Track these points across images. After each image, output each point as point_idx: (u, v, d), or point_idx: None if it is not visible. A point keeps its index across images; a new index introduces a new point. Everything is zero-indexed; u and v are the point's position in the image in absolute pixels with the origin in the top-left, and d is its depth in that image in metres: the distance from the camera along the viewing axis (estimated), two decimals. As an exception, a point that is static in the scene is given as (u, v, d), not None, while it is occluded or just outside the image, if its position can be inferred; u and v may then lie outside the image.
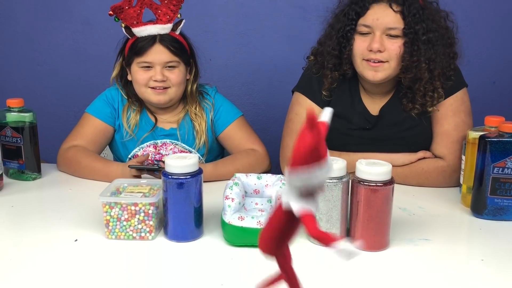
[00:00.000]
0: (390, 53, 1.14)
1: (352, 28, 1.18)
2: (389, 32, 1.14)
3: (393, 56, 1.14)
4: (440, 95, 1.19)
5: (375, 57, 1.15)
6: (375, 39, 1.14)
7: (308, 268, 0.81)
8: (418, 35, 1.12)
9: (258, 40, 2.02)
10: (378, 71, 1.16)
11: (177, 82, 1.28)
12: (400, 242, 0.90)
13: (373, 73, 1.16)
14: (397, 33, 1.14)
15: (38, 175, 1.26)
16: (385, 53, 1.14)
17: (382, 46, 1.13)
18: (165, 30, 1.25)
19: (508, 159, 0.97)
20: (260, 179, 0.98)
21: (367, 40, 1.16)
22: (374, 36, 1.14)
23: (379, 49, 1.13)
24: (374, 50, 1.14)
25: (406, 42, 1.13)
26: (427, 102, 1.19)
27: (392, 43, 1.14)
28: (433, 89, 1.17)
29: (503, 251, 0.88)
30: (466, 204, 1.07)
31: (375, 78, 1.17)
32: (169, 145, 1.35)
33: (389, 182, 0.84)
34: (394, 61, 1.15)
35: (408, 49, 1.13)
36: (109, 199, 0.89)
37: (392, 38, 1.14)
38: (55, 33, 2.06)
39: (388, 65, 1.15)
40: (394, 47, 1.14)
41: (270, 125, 2.05)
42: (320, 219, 0.87)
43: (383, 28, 1.14)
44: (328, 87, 1.25)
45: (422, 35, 1.12)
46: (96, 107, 1.34)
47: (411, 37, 1.13)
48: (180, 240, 0.90)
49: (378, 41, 1.13)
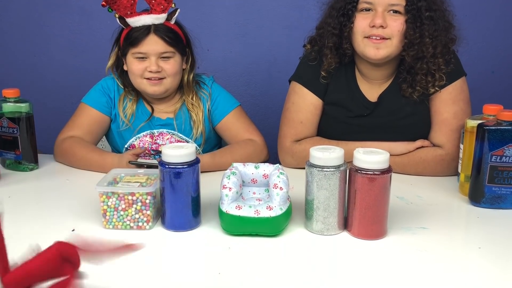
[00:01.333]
0: (392, 30, 1.13)
1: (354, 6, 1.17)
2: (392, 8, 1.13)
3: (395, 33, 1.14)
4: (442, 77, 1.19)
5: (377, 33, 1.14)
6: (378, 14, 1.13)
7: (306, 257, 0.81)
8: (421, 12, 1.12)
9: (256, 30, 2.00)
10: (380, 48, 1.15)
11: (172, 72, 1.27)
12: (397, 230, 0.90)
13: (375, 50, 1.15)
14: (399, 9, 1.13)
15: (35, 165, 1.26)
16: (387, 29, 1.13)
17: (384, 22, 1.13)
18: (159, 20, 1.24)
19: (506, 147, 0.97)
20: (258, 168, 0.97)
21: (368, 17, 1.15)
22: (376, 12, 1.14)
23: (381, 25, 1.12)
24: (377, 25, 1.12)
25: (408, 18, 1.13)
26: (429, 83, 1.18)
27: (394, 19, 1.13)
28: (436, 67, 1.17)
29: (500, 239, 0.88)
30: (464, 192, 1.07)
31: (377, 55, 1.15)
32: (166, 135, 1.34)
33: (387, 171, 0.84)
34: (397, 38, 1.14)
35: (411, 24, 1.13)
36: (106, 189, 0.89)
37: (394, 15, 1.14)
38: (52, 23, 2.04)
39: (390, 42, 1.15)
40: (396, 24, 1.13)
41: (268, 116, 2.05)
42: (318, 208, 0.87)
43: (385, 4, 1.13)
44: (327, 67, 1.24)
45: (425, 11, 1.12)
46: (92, 97, 1.34)
47: (414, 13, 1.12)
48: (177, 230, 0.90)
49: (380, 16, 1.12)
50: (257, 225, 0.86)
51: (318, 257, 0.81)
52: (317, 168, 0.85)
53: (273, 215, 0.85)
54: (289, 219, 0.90)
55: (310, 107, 1.28)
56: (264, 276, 0.75)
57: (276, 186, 0.88)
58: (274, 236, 0.87)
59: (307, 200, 0.89)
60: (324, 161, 0.85)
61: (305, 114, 1.28)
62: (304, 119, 1.28)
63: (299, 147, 1.26)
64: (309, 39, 1.33)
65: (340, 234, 0.89)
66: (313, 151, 0.86)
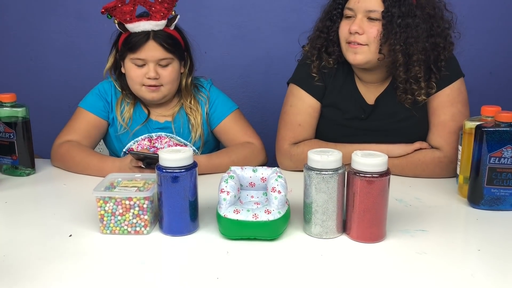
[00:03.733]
0: (368, 36, 1.15)
1: (339, 12, 1.21)
2: (369, 14, 1.15)
3: (371, 40, 1.15)
4: (431, 84, 1.19)
5: (354, 39, 1.17)
6: (355, 21, 1.16)
7: (305, 261, 0.81)
8: (394, 18, 1.13)
9: (254, 32, 2.00)
10: (357, 53, 1.17)
11: (170, 79, 1.27)
12: (396, 233, 0.90)
13: (353, 55, 1.18)
14: (376, 16, 1.14)
15: (32, 170, 1.25)
16: (363, 36, 1.16)
17: (360, 28, 1.15)
18: (159, 26, 1.24)
19: (505, 149, 0.97)
20: (256, 172, 0.97)
21: (349, 23, 1.18)
22: (355, 19, 1.16)
23: (357, 31, 1.15)
24: (352, 32, 1.16)
25: (383, 24, 1.14)
26: (415, 91, 1.19)
27: (371, 26, 1.15)
28: (414, 75, 1.17)
29: (499, 241, 0.88)
30: (463, 194, 1.07)
31: (355, 60, 1.18)
32: (164, 138, 1.34)
33: (385, 173, 0.84)
34: (373, 45, 1.16)
35: (385, 31, 1.14)
36: (103, 194, 0.88)
37: (372, 21, 1.15)
38: (48, 27, 2.04)
39: (367, 48, 1.16)
40: (372, 30, 1.15)
41: (266, 118, 2.04)
42: (316, 211, 0.87)
43: (364, 11, 1.15)
44: (316, 68, 1.27)
45: (397, 17, 1.13)
46: (89, 101, 1.33)
47: (388, 19, 1.13)
48: (175, 234, 0.89)
49: (357, 23, 1.15)
50: (255, 229, 0.85)
51: (317, 261, 0.81)
52: (315, 171, 0.85)
53: (271, 219, 0.85)
54: (288, 222, 0.90)
55: (309, 110, 1.28)
56: (263, 280, 0.74)
57: (274, 189, 0.88)
58: (273, 240, 0.87)
59: (306, 203, 0.89)
60: (322, 164, 0.85)
61: (303, 117, 1.28)
62: (303, 121, 1.28)
63: (297, 149, 1.26)
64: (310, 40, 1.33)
65: (338, 238, 0.88)
66: (311, 154, 0.86)
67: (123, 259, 0.82)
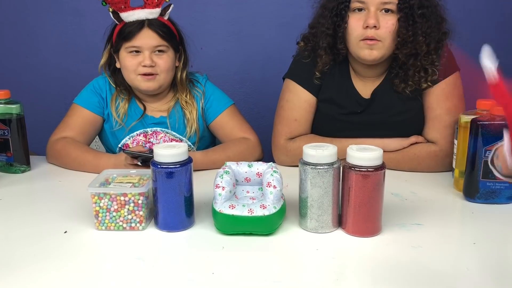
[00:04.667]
0: (384, 31, 1.13)
1: (346, 5, 1.16)
2: (384, 6, 1.12)
3: (387, 35, 1.13)
4: (434, 71, 1.18)
5: (370, 34, 1.13)
6: (370, 14, 1.12)
7: (300, 256, 0.81)
8: (414, 9, 1.11)
9: (250, 28, 2.00)
10: (373, 49, 1.14)
11: (165, 68, 1.27)
12: (392, 227, 0.90)
13: (369, 51, 1.15)
14: (391, 7, 1.12)
15: (27, 167, 1.25)
16: (379, 31, 1.13)
17: (377, 22, 1.12)
18: (153, 14, 1.24)
19: (500, 142, 0.97)
20: (251, 167, 0.97)
21: (361, 17, 1.14)
22: (369, 12, 1.13)
23: (374, 25, 1.12)
24: (370, 25, 1.12)
25: (401, 17, 1.12)
26: (422, 78, 1.18)
27: (386, 20, 1.13)
28: (430, 63, 1.17)
29: (495, 234, 0.88)
30: (459, 188, 1.07)
31: (371, 56, 1.15)
32: (159, 133, 1.34)
33: (380, 167, 0.84)
34: (389, 39, 1.14)
35: (404, 23, 1.12)
36: (98, 190, 0.88)
37: (387, 14, 1.13)
38: (44, 24, 2.03)
39: (382, 44, 1.14)
40: (388, 25, 1.12)
41: (263, 114, 2.04)
42: (312, 206, 0.86)
43: (378, 3, 1.12)
44: (321, 68, 1.24)
45: (417, 9, 1.11)
46: (84, 97, 1.33)
47: (406, 11, 1.12)
48: (171, 230, 0.89)
49: (373, 16, 1.12)
50: (251, 224, 0.85)
51: (313, 255, 0.81)
52: (311, 166, 0.85)
53: (267, 214, 0.85)
54: (283, 217, 0.90)
55: (304, 105, 1.27)
56: (259, 275, 0.74)
57: (269, 184, 0.87)
58: (268, 235, 0.87)
59: (301, 198, 0.89)
60: (318, 158, 0.84)
61: (299, 112, 1.27)
62: (298, 116, 1.27)
63: (293, 144, 1.26)
64: (302, 37, 1.32)
65: (334, 232, 0.88)
66: (306, 149, 0.86)
67: (119, 255, 0.81)
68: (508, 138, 0.63)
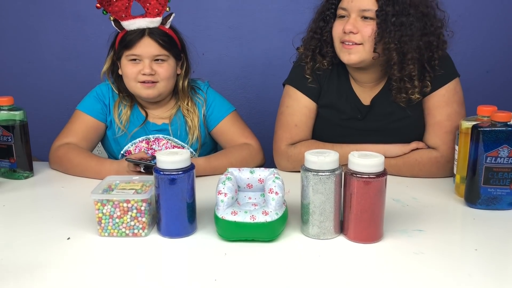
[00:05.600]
0: (363, 35, 1.15)
1: (332, 12, 1.21)
2: (363, 14, 1.15)
3: (366, 39, 1.15)
4: (425, 84, 1.19)
5: (348, 39, 1.17)
6: (349, 21, 1.16)
7: (302, 262, 0.81)
8: (388, 17, 1.13)
9: (251, 33, 2.01)
10: (351, 53, 1.18)
11: (165, 76, 1.27)
12: (393, 233, 0.90)
13: (348, 56, 1.18)
14: (370, 15, 1.15)
15: (30, 173, 1.25)
16: (358, 35, 1.16)
17: (355, 28, 1.15)
18: (154, 23, 1.25)
19: (501, 149, 0.97)
20: (253, 173, 0.97)
21: (343, 22, 1.18)
22: (349, 18, 1.16)
23: (351, 31, 1.15)
24: (347, 31, 1.16)
25: (377, 23, 1.14)
26: (409, 90, 1.19)
27: (365, 25, 1.15)
28: (408, 74, 1.17)
29: (496, 240, 0.88)
30: (460, 194, 1.07)
31: (350, 60, 1.18)
32: (161, 140, 1.34)
33: (382, 174, 0.84)
34: (368, 44, 1.16)
35: (379, 30, 1.14)
36: (101, 196, 0.88)
37: (366, 20, 1.15)
38: (46, 29, 2.04)
39: (362, 47, 1.16)
40: (366, 29, 1.15)
41: (264, 119, 2.05)
42: (314, 212, 0.87)
43: (358, 10, 1.15)
44: (310, 70, 1.27)
45: (392, 16, 1.13)
46: (87, 104, 1.33)
47: (383, 18, 1.13)
48: (173, 236, 0.89)
49: (351, 23, 1.15)
50: (253, 230, 0.85)
51: (315, 262, 0.81)
52: (312, 172, 0.85)
53: (269, 220, 0.85)
54: (285, 223, 0.90)
55: (304, 110, 1.28)
56: (261, 281, 0.75)
57: (271, 190, 0.88)
58: (270, 241, 0.87)
59: (303, 204, 0.89)
60: (319, 165, 0.85)
61: (299, 117, 1.28)
62: (299, 122, 1.28)
63: (294, 150, 1.26)
64: (303, 42, 1.33)
65: (336, 238, 0.89)
66: (308, 155, 0.86)
67: (121, 262, 0.82)
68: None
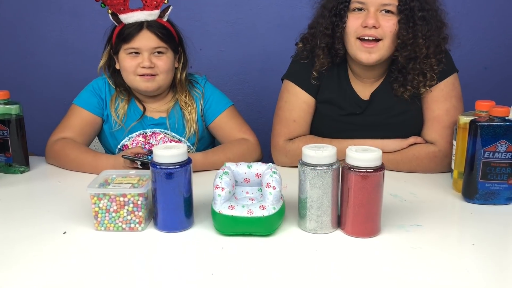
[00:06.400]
0: (385, 30, 1.12)
1: (346, 5, 1.16)
2: (384, 8, 1.12)
3: (387, 34, 1.12)
4: (433, 76, 1.18)
5: (369, 33, 1.12)
6: (370, 15, 1.11)
7: (299, 256, 0.81)
8: (414, 12, 1.11)
9: (249, 29, 2.00)
10: (372, 53, 1.14)
11: (164, 69, 1.27)
12: (391, 228, 0.90)
13: (367, 55, 1.14)
14: (391, 9, 1.12)
15: (26, 168, 1.25)
16: (379, 30, 1.12)
17: (377, 22, 1.11)
18: (152, 16, 1.24)
19: (499, 143, 0.97)
20: (250, 168, 0.97)
21: (360, 17, 1.13)
22: (369, 12, 1.12)
23: (374, 25, 1.11)
24: (369, 26, 1.11)
25: (401, 18, 1.12)
26: (420, 83, 1.18)
27: (387, 19, 1.12)
28: (429, 67, 1.16)
29: (494, 235, 0.88)
30: (458, 189, 1.07)
31: (369, 60, 1.15)
32: (158, 134, 1.34)
33: (380, 168, 0.84)
34: (389, 39, 1.13)
35: (404, 25, 1.12)
36: (97, 191, 0.88)
37: (387, 15, 1.12)
38: (43, 25, 2.03)
39: (382, 44, 1.13)
40: (389, 24, 1.12)
41: (262, 114, 2.04)
42: (311, 207, 0.86)
43: (378, 4, 1.12)
44: (319, 68, 1.24)
45: (418, 11, 1.11)
46: (83, 98, 1.33)
47: (407, 13, 1.11)
48: (170, 231, 0.89)
49: (373, 16, 1.11)
50: (250, 224, 0.85)
51: (312, 256, 0.81)
52: (310, 167, 0.85)
53: (266, 215, 0.85)
54: (282, 218, 0.90)
55: (303, 106, 1.27)
56: (258, 276, 0.74)
57: (269, 185, 0.88)
58: (268, 236, 0.87)
59: (300, 199, 0.89)
60: (317, 159, 0.85)
61: (298, 113, 1.27)
62: (297, 117, 1.27)
63: (292, 145, 1.26)
64: (301, 38, 1.32)
65: (333, 233, 0.89)
66: (306, 150, 0.86)
67: (118, 256, 0.81)
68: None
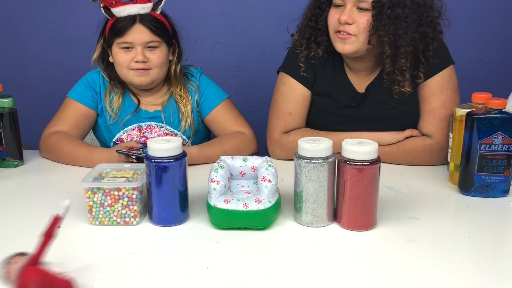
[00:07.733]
0: (358, 26, 1.14)
1: (329, 0, 1.19)
2: (359, 5, 1.14)
3: (361, 30, 1.14)
4: (418, 75, 1.18)
5: (343, 29, 1.15)
6: (345, 11, 1.14)
7: (295, 250, 0.81)
8: (384, 9, 1.11)
9: (245, 20, 1.98)
10: (346, 43, 1.16)
11: (158, 63, 1.26)
12: (387, 221, 0.90)
13: (342, 45, 1.17)
14: (366, 6, 1.13)
15: (20, 162, 1.24)
16: (353, 26, 1.14)
17: (350, 18, 1.14)
18: (145, 9, 1.23)
19: (495, 136, 0.97)
20: (246, 161, 0.96)
21: (339, 12, 1.16)
22: (345, 8, 1.15)
23: (347, 21, 1.14)
24: (342, 22, 1.14)
25: (373, 15, 1.13)
26: (399, 82, 1.18)
27: (360, 16, 1.14)
28: (400, 67, 1.16)
29: (489, 228, 0.88)
30: (454, 182, 1.07)
31: (344, 50, 1.17)
32: (154, 127, 1.33)
33: (376, 161, 0.83)
34: (363, 35, 1.14)
35: (375, 22, 1.13)
36: (91, 185, 0.87)
37: (362, 11, 1.14)
38: (36, 17, 2.01)
39: (356, 38, 1.15)
40: (362, 20, 1.13)
41: (258, 107, 2.03)
42: (307, 200, 0.86)
43: (354, 1, 1.14)
44: (304, 58, 1.25)
45: (387, 9, 1.11)
46: (77, 91, 1.32)
47: (378, 10, 1.12)
48: (165, 225, 0.89)
49: (347, 13, 1.14)
50: (245, 218, 0.85)
51: (308, 250, 0.80)
52: (306, 160, 0.84)
53: (262, 208, 0.84)
54: (278, 211, 0.90)
55: (299, 98, 1.27)
56: (254, 269, 0.74)
57: (264, 178, 0.87)
58: (263, 229, 0.87)
59: (296, 192, 0.88)
60: (313, 152, 0.84)
61: (293, 105, 1.27)
62: (293, 110, 1.27)
63: (288, 138, 1.25)
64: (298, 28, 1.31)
65: (329, 226, 0.88)
66: (301, 143, 0.85)
67: (113, 250, 0.81)
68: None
